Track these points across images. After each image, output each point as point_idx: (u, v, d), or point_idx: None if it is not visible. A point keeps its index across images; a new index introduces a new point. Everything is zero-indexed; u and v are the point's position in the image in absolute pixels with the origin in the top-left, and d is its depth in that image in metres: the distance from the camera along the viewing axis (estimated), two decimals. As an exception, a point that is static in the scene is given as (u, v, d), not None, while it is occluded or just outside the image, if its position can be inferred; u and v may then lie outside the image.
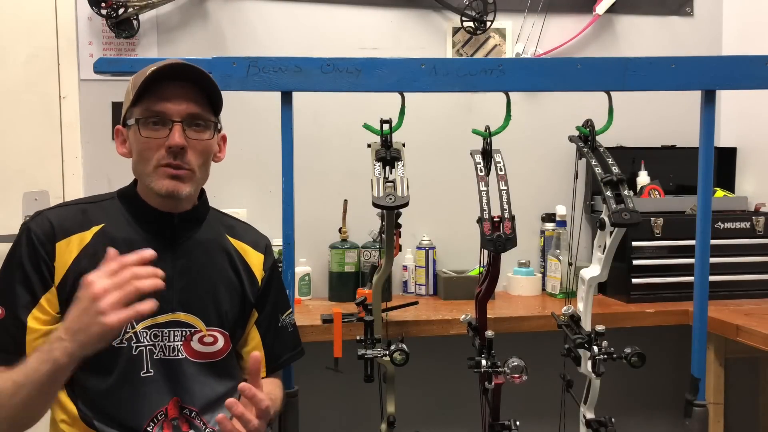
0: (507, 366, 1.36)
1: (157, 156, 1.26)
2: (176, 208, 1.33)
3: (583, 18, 2.45)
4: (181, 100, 1.26)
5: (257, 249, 1.46)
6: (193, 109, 1.28)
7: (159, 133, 1.26)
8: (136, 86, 1.25)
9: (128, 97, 1.30)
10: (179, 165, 1.26)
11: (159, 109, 1.25)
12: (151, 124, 1.26)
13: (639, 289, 2.19)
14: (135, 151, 1.29)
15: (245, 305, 1.42)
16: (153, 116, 1.26)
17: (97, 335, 1.06)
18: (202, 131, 1.30)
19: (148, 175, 1.28)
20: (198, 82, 1.29)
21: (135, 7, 2.14)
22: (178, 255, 1.34)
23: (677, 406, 1.79)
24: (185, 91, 1.27)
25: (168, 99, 1.26)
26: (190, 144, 1.27)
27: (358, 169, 2.19)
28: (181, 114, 1.26)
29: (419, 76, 1.59)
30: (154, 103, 1.25)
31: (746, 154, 2.49)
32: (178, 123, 1.25)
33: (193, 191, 1.32)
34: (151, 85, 1.24)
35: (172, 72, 1.26)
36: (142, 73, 1.27)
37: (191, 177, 1.29)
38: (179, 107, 1.26)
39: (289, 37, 2.30)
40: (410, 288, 2.35)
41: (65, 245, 1.27)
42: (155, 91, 1.25)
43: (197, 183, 1.33)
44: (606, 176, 1.41)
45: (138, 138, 1.27)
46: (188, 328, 1.32)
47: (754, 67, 1.62)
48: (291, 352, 1.52)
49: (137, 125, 1.26)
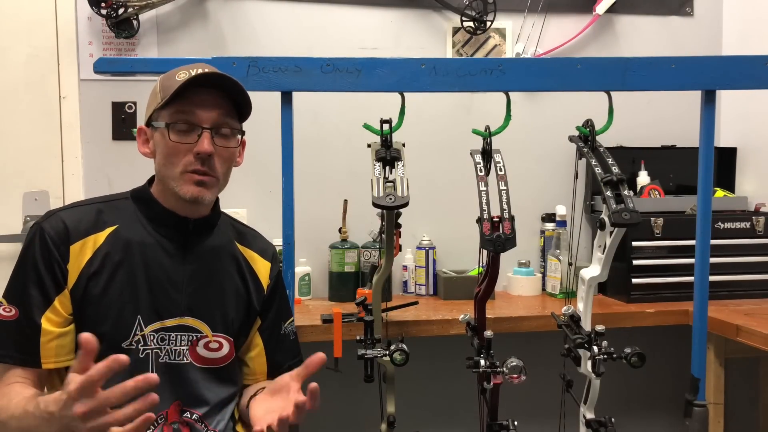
0: (505, 366, 1.36)
1: (185, 161, 1.26)
2: (194, 213, 1.33)
3: (583, 18, 2.45)
4: (211, 107, 1.27)
5: (264, 257, 1.47)
6: (222, 116, 1.28)
7: (188, 138, 1.26)
8: (165, 89, 1.25)
9: (155, 98, 1.30)
10: (206, 171, 1.27)
11: (189, 117, 1.26)
12: (180, 129, 1.26)
13: (639, 289, 2.18)
14: (161, 153, 1.29)
15: (250, 313, 1.42)
16: (183, 122, 1.26)
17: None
18: (228, 139, 1.30)
19: (173, 179, 1.28)
20: (228, 90, 1.29)
21: (135, 7, 2.14)
22: (189, 260, 1.34)
23: (677, 406, 1.79)
24: (215, 98, 1.28)
25: (198, 105, 1.26)
26: (217, 151, 1.27)
27: (358, 169, 2.19)
28: (210, 121, 1.26)
29: (419, 76, 1.59)
30: (185, 109, 1.25)
31: (746, 154, 2.49)
32: (207, 130, 1.26)
33: (214, 198, 1.33)
34: (181, 90, 1.24)
35: (205, 79, 1.26)
36: (171, 75, 1.27)
37: (215, 183, 1.30)
38: (209, 114, 1.26)
39: (289, 37, 2.30)
40: (410, 288, 2.35)
41: (79, 247, 1.27)
42: (186, 96, 1.25)
43: (219, 189, 1.34)
44: (606, 176, 1.41)
45: (166, 142, 1.26)
46: (195, 333, 1.32)
47: (754, 67, 1.62)
48: (292, 361, 1.51)
49: (167, 129, 1.26)
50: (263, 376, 1.46)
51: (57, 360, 1.24)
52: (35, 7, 2.17)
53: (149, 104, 1.32)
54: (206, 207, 1.35)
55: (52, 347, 1.23)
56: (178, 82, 1.24)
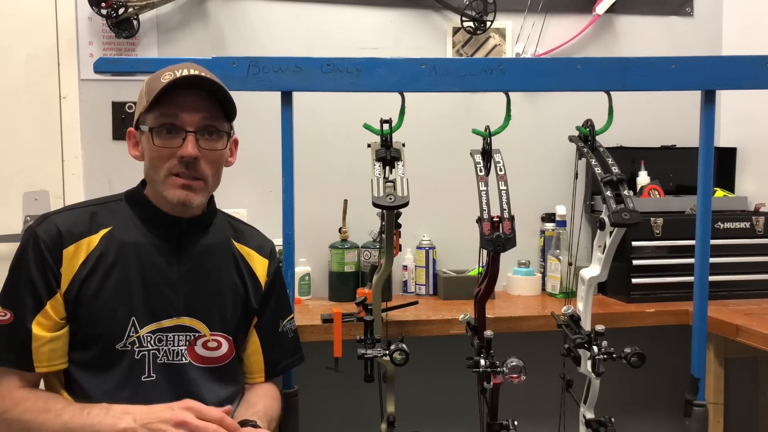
0: (505, 366, 1.36)
1: (169, 165, 1.26)
2: (185, 213, 1.33)
3: (583, 18, 2.45)
4: (195, 109, 1.26)
5: (262, 254, 1.47)
6: (207, 119, 1.28)
7: (172, 142, 1.26)
8: (151, 92, 1.25)
9: (141, 101, 1.30)
10: (191, 175, 1.27)
11: (173, 119, 1.25)
12: (164, 133, 1.26)
13: (639, 289, 2.18)
14: (147, 157, 1.29)
15: (248, 311, 1.42)
16: (167, 125, 1.26)
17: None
18: (215, 141, 1.30)
19: (160, 183, 1.28)
20: (212, 91, 1.29)
21: (135, 7, 2.14)
22: (185, 259, 1.34)
23: (677, 406, 1.79)
24: (200, 99, 1.27)
25: (183, 108, 1.26)
26: (203, 154, 1.27)
27: (358, 169, 2.19)
28: (194, 124, 1.26)
29: (419, 76, 1.59)
30: (168, 112, 1.25)
31: (746, 154, 2.49)
32: (191, 133, 1.25)
33: (204, 200, 1.33)
34: (165, 92, 1.24)
35: (188, 81, 1.26)
36: (156, 77, 1.27)
37: (203, 187, 1.30)
38: (193, 117, 1.26)
39: (290, 37, 2.30)
40: (410, 288, 2.35)
41: (73, 251, 1.27)
42: (170, 98, 1.25)
43: (209, 191, 1.34)
44: (606, 176, 1.41)
45: (151, 146, 1.27)
46: (192, 332, 1.32)
47: (754, 67, 1.62)
48: (290, 359, 1.51)
49: (150, 133, 1.26)
50: (260, 374, 1.46)
51: (50, 364, 1.24)
52: (35, 7, 2.17)
53: (137, 107, 1.32)
54: (197, 208, 1.35)
55: (45, 352, 1.23)
56: (162, 84, 1.24)
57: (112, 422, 1.14)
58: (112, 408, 1.17)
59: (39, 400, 1.22)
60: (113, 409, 1.17)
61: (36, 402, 1.21)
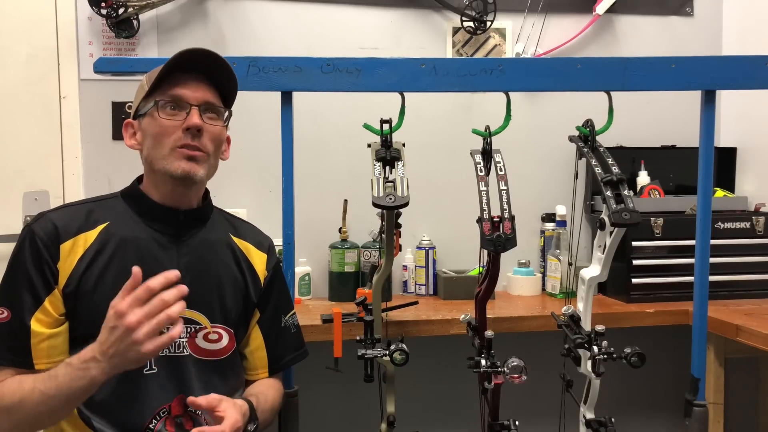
0: (506, 366, 1.36)
1: (174, 137, 1.28)
2: (183, 203, 1.34)
3: (583, 18, 2.45)
4: (197, 88, 1.31)
5: (260, 249, 1.47)
6: (209, 97, 1.32)
7: (177, 116, 1.29)
8: (152, 78, 1.30)
9: (142, 90, 1.34)
10: (196, 146, 1.29)
11: (177, 94, 1.29)
12: (169, 108, 1.29)
13: (639, 289, 2.18)
14: (150, 136, 1.31)
15: (248, 304, 1.42)
16: (171, 100, 1.29)
17: (133, 360, 1.12)
18: (216, 118, 1.33)
19: (163, 158, 1.29)
20: (211, 76, 1.33)
21: (135, 7, 2.14)
22: (183, 252, 1.34)
23: (677, 406, 1.79)
24: (200, 82, 1.32)
25: (185, 86, 1.30)
26: (206, 128, 1.30)
27: (358, 169, 2.19)
28: (198, 99, 1.30)
29: (419, 76, 1.59)
30: (172, 89, 1.30)
31: (746, 154, 2.49)
32: (195, 106, 1.29)
33: (205, 176, 1.34)
34: (166, 76, 1.29)
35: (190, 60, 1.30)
36: (156, 69, 1.32)
37: (206, 160, 1.32)
38: (196, 93, 1.31)
39: (290, 37, 2.30)
40: (410, 288, 2.35)
41: (70, 246, 1.27)
42: (171, 80, 1.30)
43: (210, 169, 1.35)
44: (606, 176, 1.41)
45: (156, 122, 1.29)
46: (193, 324, 1.33)
47: (754, 67, 1.62)
48: (294, 354, 1.52)
49: (156, 107, 1.29)
50: (264, 370, 1.46)
51: (49, 361, 1.24)
52: (35, 7, 2.17)
53: (136, 98, 1.36)
54: (196, 192, 1.36)
55: (44, 348, 1.23)
56: (166, 63, 1.28)
57: (81, 374, 1.13)
58: (72, 362, 1.15)
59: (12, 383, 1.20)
60: (74, 363, 1.14)
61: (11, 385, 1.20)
